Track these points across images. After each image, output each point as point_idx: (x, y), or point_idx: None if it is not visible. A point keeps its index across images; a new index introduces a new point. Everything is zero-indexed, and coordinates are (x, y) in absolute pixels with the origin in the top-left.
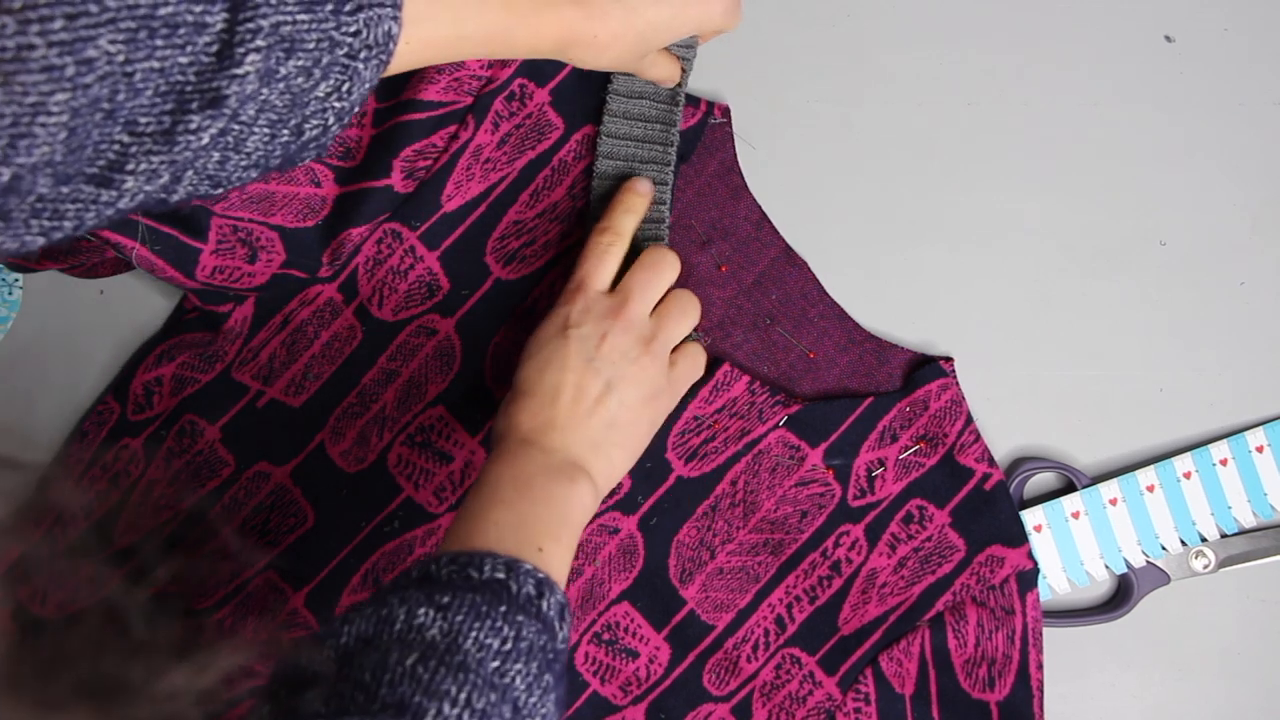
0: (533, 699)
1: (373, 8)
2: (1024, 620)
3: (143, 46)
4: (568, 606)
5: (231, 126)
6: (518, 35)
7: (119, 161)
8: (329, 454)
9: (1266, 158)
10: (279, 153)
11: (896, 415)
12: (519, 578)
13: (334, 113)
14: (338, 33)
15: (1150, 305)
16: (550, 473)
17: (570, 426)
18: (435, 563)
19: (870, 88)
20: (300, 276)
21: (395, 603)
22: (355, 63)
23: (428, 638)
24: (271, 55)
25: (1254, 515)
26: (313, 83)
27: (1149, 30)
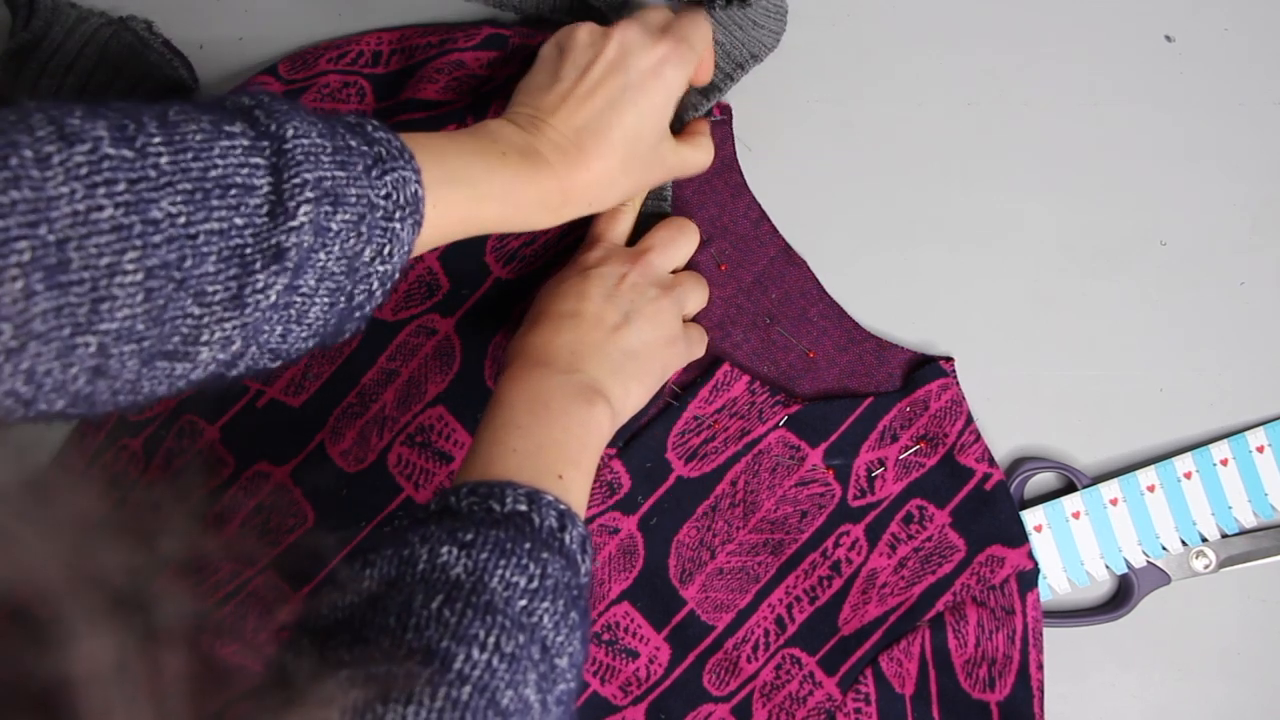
0: (560, 637)
1: (395, 170)
2: (1024, 620)
3: (201, 208)
4: (589, 538)
5: (294, 299)
6: (524, 195)
7: (193, 334)
8: (329, 454)
9: (1266, 158)
10: (334, 322)
11: (896, 415)
12: (541, 510)
13: (378, 277)
14: (373, 194)
15: (1150, 305)
16: (568, 394)
17: (589, 349)
18: (455, 494)
19: (870, 88)
20: None
21: (416, 542)
22: (393, 223)
23: (452, 577)
24: (320, 208)
25: (1254, 515)
26: (361, 245)
27: (1149, 30)
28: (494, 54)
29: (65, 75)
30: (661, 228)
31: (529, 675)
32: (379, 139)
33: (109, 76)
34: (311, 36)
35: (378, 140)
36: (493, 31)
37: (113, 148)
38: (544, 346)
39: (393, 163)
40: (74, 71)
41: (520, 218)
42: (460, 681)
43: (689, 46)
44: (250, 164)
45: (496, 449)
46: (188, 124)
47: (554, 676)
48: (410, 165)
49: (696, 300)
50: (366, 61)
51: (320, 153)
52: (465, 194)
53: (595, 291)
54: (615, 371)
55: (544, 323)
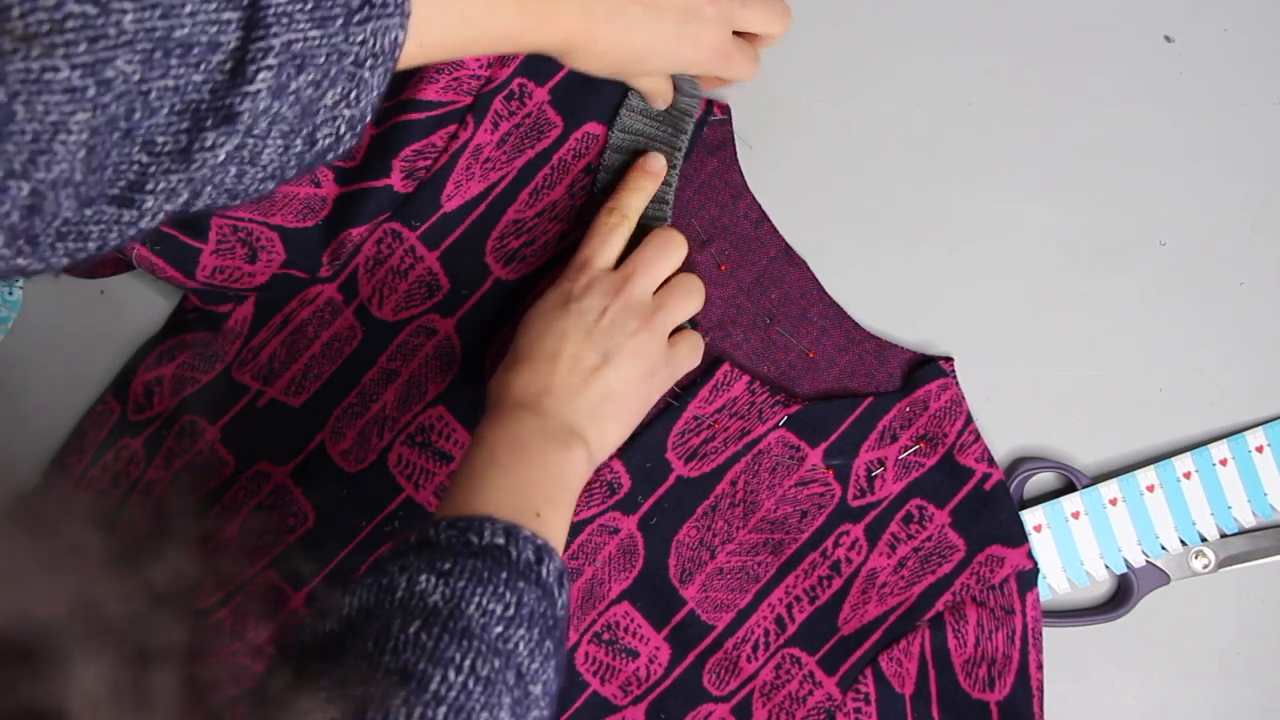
0: (535, 664)
1: (381, 18)
2: (1024, 620)
3: (158, 66)
4: (566, 573)
5: (246, 141)
6: (525, 37)
7: (139, 181)
8: (329, 454)
9: (1266, 158)
10: (294, 163)
11: (896, 415)
12: (518, 543)
13: (344, 120)
14: (345, 44)
15: (1150, 305)
16: (546, 437)
17: (566, 393)
18: (434, 528)
19: (870, 88)
20: (300, 276)
21: (395, 571)
22: (361, 70)
23: (430, 604)
24: (283, 72)
25: (1254, 515)
26: (320, 92)
27: (1149, 30)
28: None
29: None
30: (644, 247)
31: (504, 699)
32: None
33: None
34: None
35: None
36: None
37: (77, 4)
38: (523, 388)
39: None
40: None
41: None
42: (436, 702)
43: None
44: (221, 20)
45: (476, 486)
46: None
47: (528, 703)
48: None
49: (686, 312)
50: None
51: (297, 11)
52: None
53: (574, 330)
54: (592, 415)
55: (524, 364)
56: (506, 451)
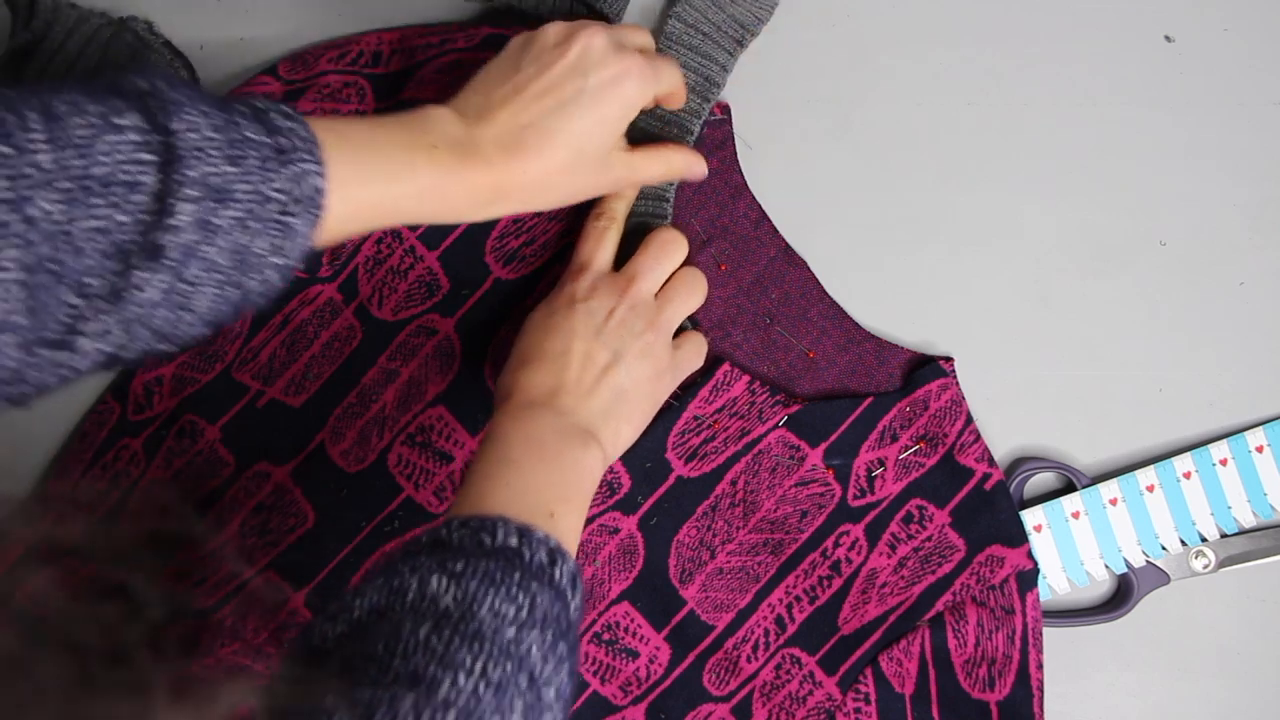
0: (548, 668)
1: (296, 163)
2: (1024, 620)
3: (81, 205)
4: (579, 575)
5: (179, 285)
6: (451, 190)
7: (72, 324)
8: (329, 454)
9: (1266, 158)
10: (227, 310)
11: (896, 415)
12: (532, 545)
13: (275, 269)
14: (266, 187)
15: (1150, 305)
16: (562, 436)
17: (580, 392)
18: (446, 527)
19: (870, 88)
20: (300, 276)
21: (406, 571)
22: (288, 218)
23: (441, 606)
24: (203, 205)
25: (1254, 515)
26: (250, 238)
27: (1149, 30)
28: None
29: (66, 77)
30: (647, 247)
31: (515, 703)
32: (283, 128)
33: None
34: (311, 36)
35: (281, 130)
36: (492, 32)
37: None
38: (537, 386)
39: (294, 155)
40: (75, 73)
41: (445, 211)
42: (445, 707)
43: (654, 70)
44: (137, 159)
45: (489, 484)
46: (74, 117)
47: (540, 707)
48: (314, 158)
49: (690, 308)
50: (367, 61)
51: (209, 146)
52: (380, 189)
53: (584, 329)
54: (606, 414)
55: (535, 362)
56: (521, 449)
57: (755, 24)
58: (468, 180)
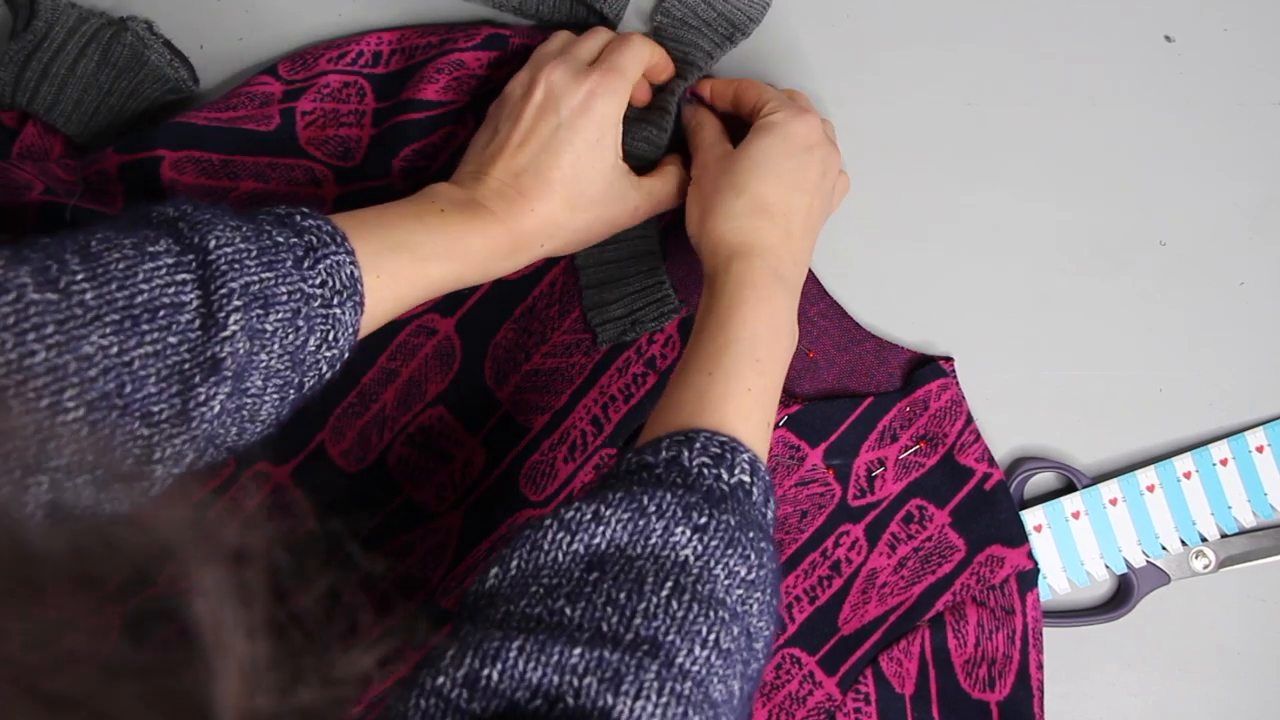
0: (762, 623)
1: (328, 257)
2: (1024, 620)
3: (132, 335)
4: (773, 491)
5: (244, 401)
6: (472, 245)
7: (145, 454)
8: (329, 454)
9: (1266, 158)
10: (285, 411)
11: (896, 415)
12: (759, 482)
13: (326, 362)
14: (306, 285)
15: (1150, 305)
16: (792, 315)
17: (805, 250)
18: (689, 447)
19: (870, 88)
20: None
21: (653, 512)
22: (332, 309)
23: (681, 557)
24: (250, 312)
25: (1254, 515)
26: (300, 337)
27: (1149, 30)
28: (494, 54)
29: (67, 77)
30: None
31: (737, 666)
32: (308, 227)
33: (111, 78)
34: (311, 36)
35: (307, 229)
36: (493, 31)
37: (37, 293)
38: (780, 249)
39: (325, 249)
40: (75, 73)
41: (474, 270)
42: (683, 677)
43: (618, 74)
44: (176, 282)
45: (732, 381)
46: (110, 253)
47: (752, 658)
48: (343, 247)
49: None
50: (367, 61)
51: (245, 257)
52: (408, 258)
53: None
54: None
55: (778, 213)
56: (767, 343)
57: (747, 24)
58: (482, 233)
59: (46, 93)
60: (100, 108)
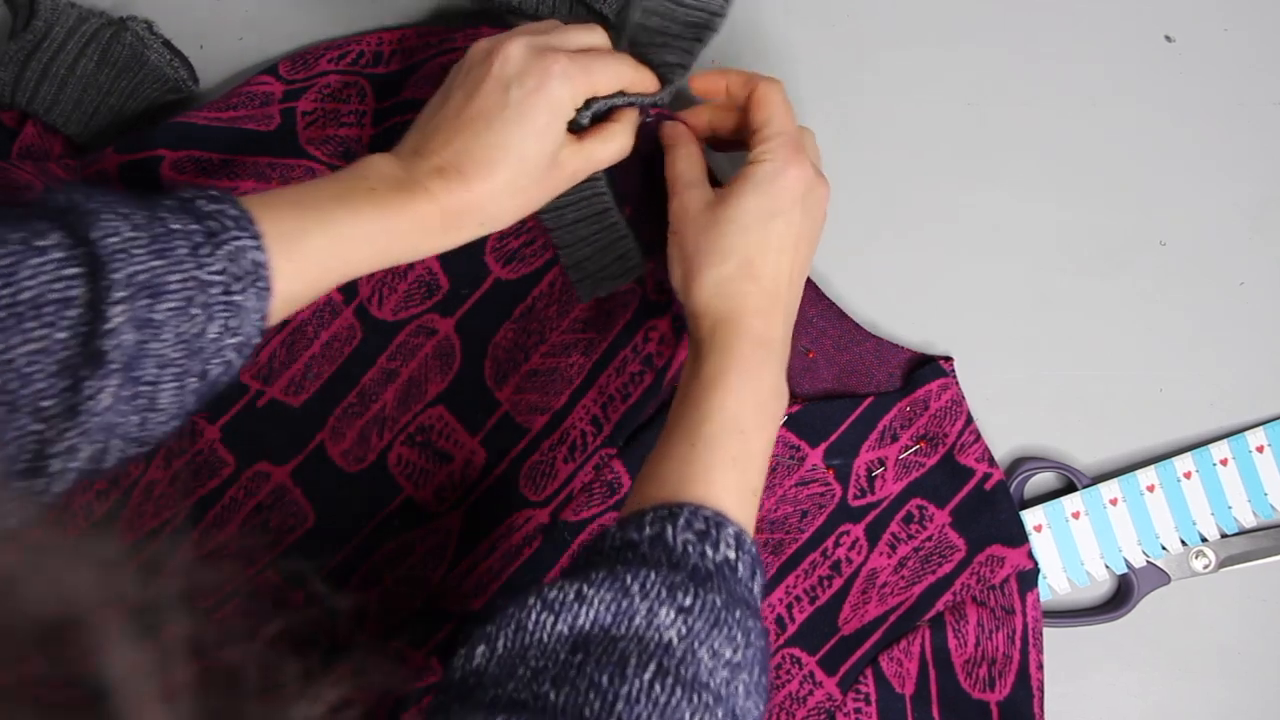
0: (749, 703)
1: (229, 242)
2: (1024, 620)
3: (15, 332)
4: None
5: (138, 388)
6: (399, 227)
7: (40, 449)
8: (329, 454)
9: (1266, 158)
10: (193, 400)
11: (897, 415)
12: (744, 557)
13: (232, 349)
14: (202, 273)
15: (1150, 305)
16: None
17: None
18: (673, 523)
19: (870, 88)
20: None
21: (636, 593)
22: (233, 297)
23: (665, 640)
24: (136, 303)
25: (1254, 515)
26: (197, 325)
27: (1149, 30)
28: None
29: (67, 77)
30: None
31: None
32: (211, 212)
33: (110, 78)
34: (311, 36)
35: (210, 214)
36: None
37: None
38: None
39: (225, 234)
40: (75, 73)
41: (402, 250)
42: None
43: (582, 68)
44: (65, 276)
45: (716, 453)
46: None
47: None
48: (248, 231)
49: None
50: (367, 61)
51: (132, 246)
52: (325, 240)
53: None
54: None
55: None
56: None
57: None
58: (413, 213)
59: (46, 93)
60: (100, 107)
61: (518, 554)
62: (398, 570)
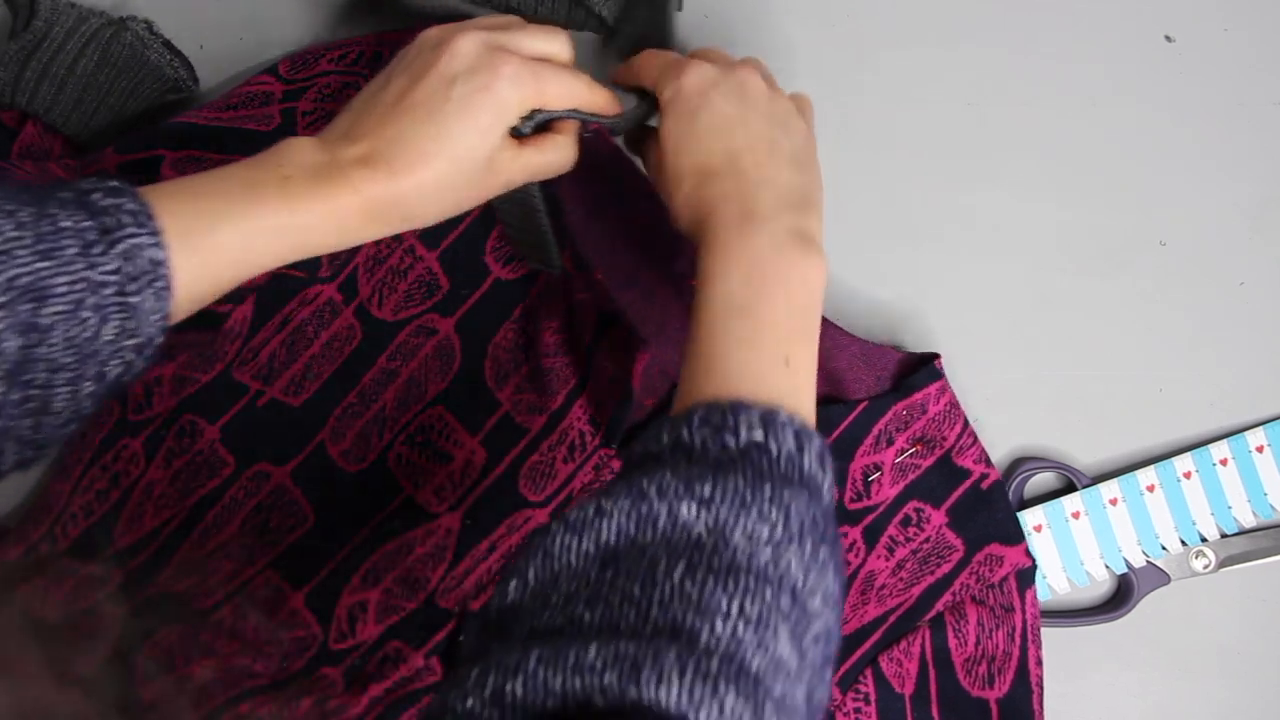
0: (810, 577)
1: (124, 240)
2: (1023, 618)
3: None
4: (826, 448)
5: (31, 393)
6: (311, 220)
7: None
8: (329, 454)
9: (1266, 158)
10: (90, 402)
11: (892, 419)
12: (778, 434)
13: (132, 350)
14: (94, 273)
15: (1150, 305)
16: (782, 249)
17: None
18: (687, 424)
19: (870, 87)
20: (300, 276)
21: (654, 495)
22: (129, 298)
23: (693, 536)
24: (17, 307)
25: (1254, 515)
26: (91, 330)
27: (1149, 30)
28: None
29: (66, 77)
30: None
31: (780, 630)
32: (107, 207)
33: (110, 78)
34: (312, 36)
35: (106, 209)
36: None
37: None
38: (737, 194)
39: (121, 231)
40: (75, 73)
41: (317, 243)
42: (707, 655)
43: (534, 75)
44: None
45: (720, 342)
46: None
47: (808, 619)
48: (146, 227)
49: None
50: (367, 62)
51: (15, 247)
52: (231, 234)
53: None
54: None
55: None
56: (743, 284)
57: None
58: (330, 205)
59: (46, 92)
60: (100, 107)
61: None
62: (398, 570)
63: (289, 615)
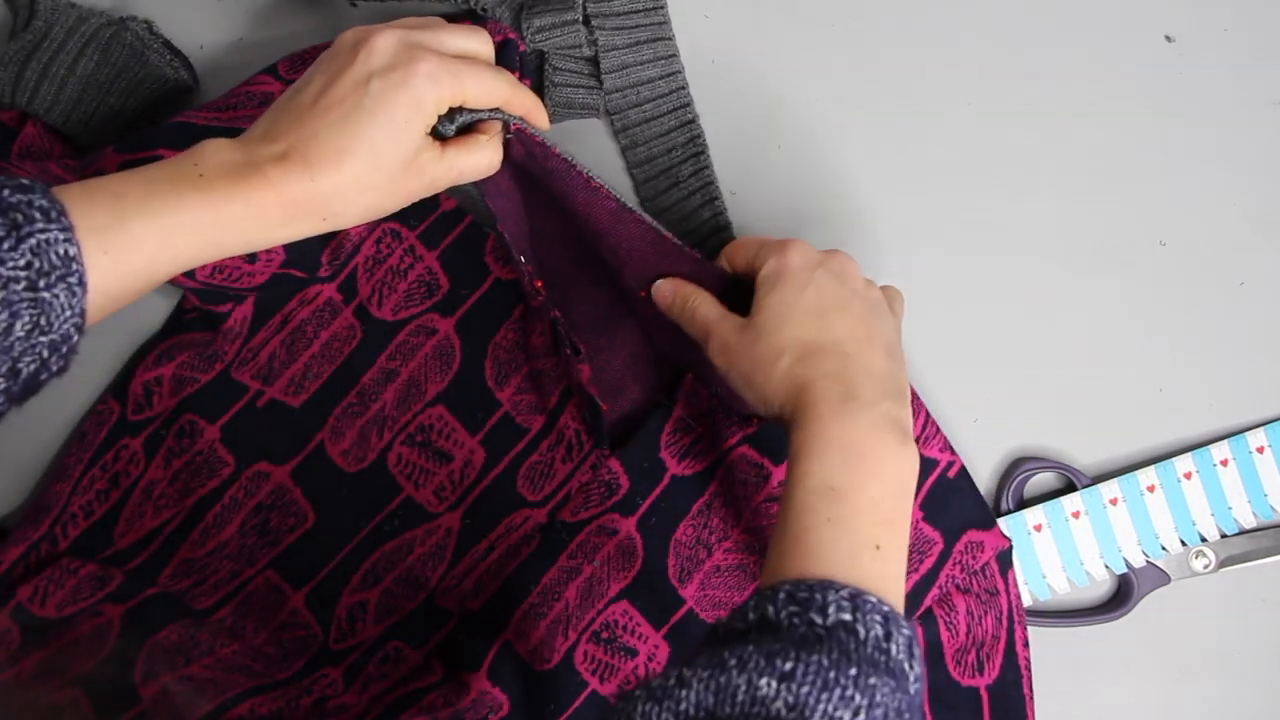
0: None
1: (34, 235)
2: (1008, 600)
3: None
4: (915, 638)
5: None
6: (232, 218)
7: None
8: (329, 454)
9: (1266, 158)
10: (6, 399)
11: None
12: (865, 618)
13: (47, 347)
14: (3, 268)
15: (1150, 305)
16: (879, 435)
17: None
18: (773, 601)
19: (870, 88)
20: (299, 276)
21: (734, 667)
22: (40, 293)
23: (771, 711)
24: None
25: (1254, 515)
26: (3, 325)
27: (1149, 30)
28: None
29: (66, 77)
30: None
31: None
32: (15, 203)
33: (110, 78)
34: (312, 37)
35: (14, 205)
36: None
37: None
38: (840, 374)
39: (30, 227)
40: (75, 73)
41: (235, 241)
42: None
43: (451, 71)
44: None
45: (811, 521)
46: None
47: None
48: (57, 223)
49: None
50: None
51: None
52: (145, 231)
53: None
54: (902, 395)
55: (826, 345)
56: (840, 466)
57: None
58: (248, 203)
59: (46, 93)
60: (100, 107)
61: (516, 554)
62: (398, 570)
63: (289, 615)
